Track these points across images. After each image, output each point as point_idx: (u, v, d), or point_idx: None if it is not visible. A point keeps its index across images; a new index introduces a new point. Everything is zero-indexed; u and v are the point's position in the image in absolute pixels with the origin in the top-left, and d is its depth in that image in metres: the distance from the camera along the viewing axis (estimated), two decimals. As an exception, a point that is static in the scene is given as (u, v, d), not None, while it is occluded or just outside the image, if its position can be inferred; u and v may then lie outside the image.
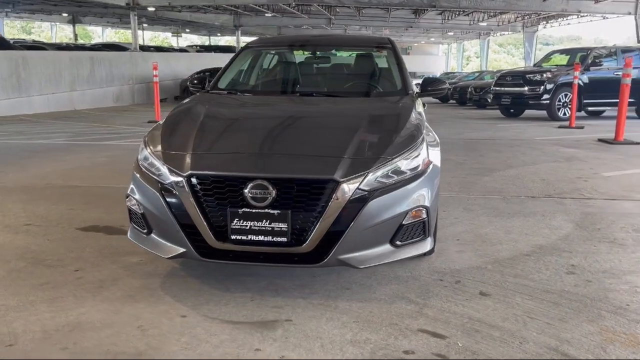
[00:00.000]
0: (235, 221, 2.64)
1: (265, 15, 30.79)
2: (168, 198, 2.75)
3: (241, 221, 2.64)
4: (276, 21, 33.12)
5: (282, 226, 2.63)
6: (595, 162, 6.93)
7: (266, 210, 2.62)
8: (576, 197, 5.03)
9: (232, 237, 2.66)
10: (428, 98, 4.33)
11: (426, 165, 2.91)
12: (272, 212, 2.62)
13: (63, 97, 16.17)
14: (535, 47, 34.26)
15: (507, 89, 13.59)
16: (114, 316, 2.63)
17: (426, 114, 3.77)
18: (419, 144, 2.95)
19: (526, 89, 12.97)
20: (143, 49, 23.52)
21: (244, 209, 2.63)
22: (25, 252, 3.50)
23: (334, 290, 2.95)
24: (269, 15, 30.60)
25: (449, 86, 4.29)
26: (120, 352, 2.30)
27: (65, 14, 33.14)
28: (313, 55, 4.61)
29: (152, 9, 24.21)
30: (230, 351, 2.32)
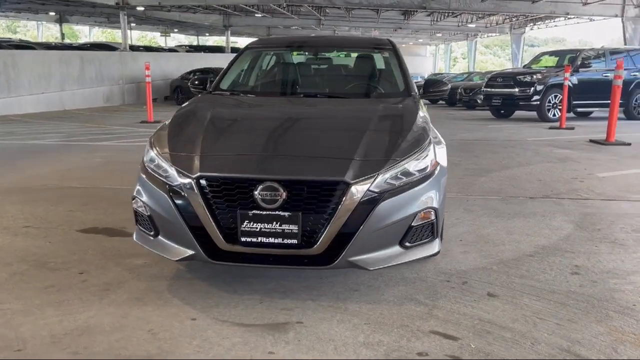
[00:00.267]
0: (245, 223, 2.63)
1: (255, 15, 30.72)
2: (176, 200, 2.73)
3: (251, 223, 2.63)
4: (266, 21, 33.07)
5: (292, 228, 2.62)
6: (589, 162, 7.00)
7: (277, 212, 2.61)
8: (574, 197, 5.08)
9: (242, 239, 2.65)
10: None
11: (434, 166, 2.92)
12: (282, 214, 2.61)
13: (53, 97, 16.02)
14: (522, 48, 34.56)
15: (497, 90, 13.68)
16: (123, 319, 2.60)
17: None
18: (427, 145, 2.96)
19: (517, 90, 13.06)
20: (132, 48, 23.37)
21: (254, 211, 2.62)
22: (27, 255, 3.46)
23: (342, 292, 2.95)
24: (259, 15, 30.54)
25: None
26: (132, 356, 2.28)
27: (53, 13, 32.82)
28: (315, 56, 4.61)
29: (141, 8, 24.04)
30: (243, 354, 2.31)
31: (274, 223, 2.62)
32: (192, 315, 2.65)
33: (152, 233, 2.92)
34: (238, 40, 45.05)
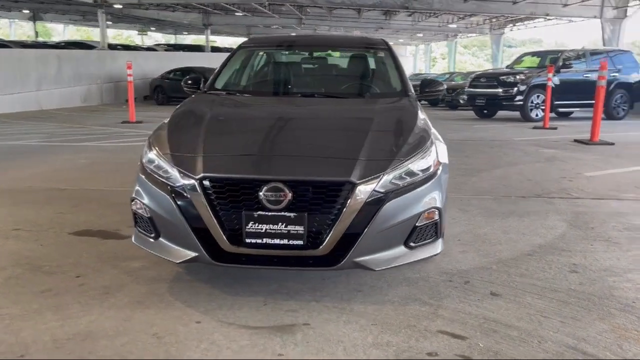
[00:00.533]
0: (250, 224, 2.59)
1: (236, 14, 30.52)
2: (179, 201, 2.68)
3: (256, 224, 2.60)
4: (246, 20, 32.84)
5: (298, 229, 2.59)
6: (575, 162, 7.10)
7: (282, 213, 2.58)
8: (564, 196, 5.14)
9: (247, 241, 2.61)
10: None
11: (436, 166, 2.92)
12: (288, 214, 2.58)
13: (29, 96, 15.70)
14: (502, 49, 34.96)
15: (481, 90, 13.81)
16: (126, 323, 2.55)
17: None
18: (430, 145, 2.96)
19: (500, 90, 13.20)
20: (110, 47, 23.01)
21: (259, 212, 2.59)
22: (20, 258, 3.37)
23: (345, 292, 2.93)
24: (239, 14, 30.34)
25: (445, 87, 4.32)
26: (139, 361, 2.24)
27: (27, 11, 32.11)
28: (311, 56, 4.57)
29: (119, 6, 23.68)
30: (252, 357, 2.28)
31: (280, 224, 2.59)
32: (196, 318, 2.61)
33: (152, 235, 2.86)
34: (217, 39, 44.70)
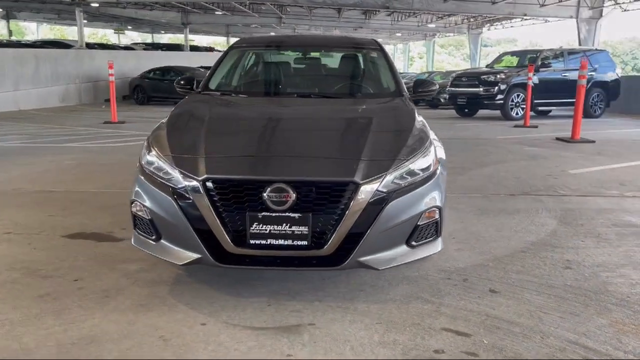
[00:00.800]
0: (254, 225, 2.59)
1: (215, 13, 30.33)
2: (181, 203, 2.66)
3: (261, 225, 2.60)
4: (226, 19, 32.67)
5: (302, 229, 2.60)
6: (559, 160, 7.23)
7: (287, 214, 2.59)
8: (551, 194, 5.23)
9: (251, 242, 2.61)
10: None
11: (436, 165, 2.96)
12: (292, 215, 2.59)
13: (7, 96, 15.38)
14: (480, 48, 35.39)
15: (462, 89, 13.97)
16: (130, 327, 2.53)
17: None
18: (429, 145, 2.99)
19: (481, 89, 13.37)
20: (88, 46, 22.66)
21: (263, 212, 2.59)
22: (14, 262, 3.31)
23: (347, 292, 2.95)
24: (219, 13, 30.16)
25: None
26: (148, 364, 2.23)
27: (0, 9, 31.43)
28: (305, 56, 4.57)
29: (96, 4, 23.36)
30: (261, 358, 2.28)
31: (284, 225, 2.60)
32: (201, 320, 2.60)
33: (153, 237, 2.84)
34: (195, 38, 44.28)
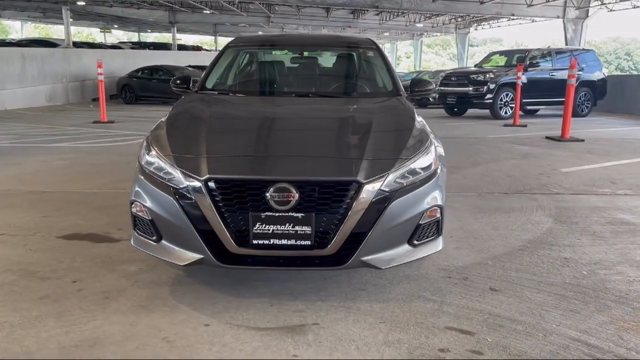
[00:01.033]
0: (257, 225, 2.58)
1: (203, 12, 30.17)
2: (183, 203, 2.65)
3: (264, 225, 2.59)
4: (213, 18, 32.51)
5: (306, 229, 2.59)
6: (550, 158, 7.30)
7: (290, 214, 2.58)
8: (545, 192, 5.28)
9: (254, 242, 2.60)
10: None
11: (437, 164, 2.97)
12: (296, 215, 2.58)
13: (-8, 96, 15.18)
14: (467, 48, 35.58)
15: (452, 88, 14.03)
16: (133, 328, 2.51)
17: None
18: (429, 144, 3.00)
19: (471, 89, 13.45)
20: (75, 45, 22.43)
21: (266, 212, 2.58)
22: (10, 264, 3.27)
23: (349, 292, 2.95)
24: (207, 12, 30.01)
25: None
26: (153, 366, 2.21)
27: (-17, 8, 31.04)
28: (302, 55, 4.56)
29: (82, 3, 23.13)
30: (267, 358, 2.28)
31: (287, 224, 2.59)
32: (204, 321, 2.58)
33: (154, 238, 2.81)
34: (182, 37, 44.00)
